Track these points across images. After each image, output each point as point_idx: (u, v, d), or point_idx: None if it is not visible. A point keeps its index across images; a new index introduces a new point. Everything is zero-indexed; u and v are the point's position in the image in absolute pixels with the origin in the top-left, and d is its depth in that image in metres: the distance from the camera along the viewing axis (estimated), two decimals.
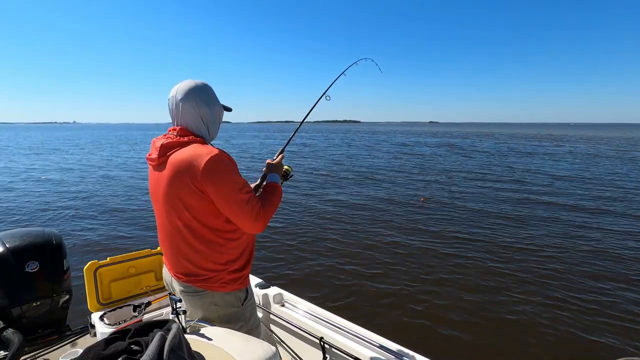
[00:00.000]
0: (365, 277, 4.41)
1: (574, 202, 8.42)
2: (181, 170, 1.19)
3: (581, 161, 17.33)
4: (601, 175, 12.62)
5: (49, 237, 1.67)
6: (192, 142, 1.25)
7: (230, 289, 1.35)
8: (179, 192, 1.22)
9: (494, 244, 5.53)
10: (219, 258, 1.30)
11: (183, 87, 1.28)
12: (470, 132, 69.21)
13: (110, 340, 0.87)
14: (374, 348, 1.57)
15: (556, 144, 31.05)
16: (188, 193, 1.20)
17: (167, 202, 1.26)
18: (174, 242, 1.32)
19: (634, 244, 5.56)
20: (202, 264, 1.30)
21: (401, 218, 7.05)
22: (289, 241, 5.69)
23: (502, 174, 12.83)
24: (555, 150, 23.63)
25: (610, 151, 23.49)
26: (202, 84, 1.31)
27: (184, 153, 1.21)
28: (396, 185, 10.74)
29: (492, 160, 17.90)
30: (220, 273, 1.32)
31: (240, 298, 1.39)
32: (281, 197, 1.41)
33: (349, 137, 45.64)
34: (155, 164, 1.28)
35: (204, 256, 1.29)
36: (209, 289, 1.31)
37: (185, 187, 1.20)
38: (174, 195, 1.23)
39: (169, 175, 1.22)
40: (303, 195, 9.26)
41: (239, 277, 1.37)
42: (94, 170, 14.02)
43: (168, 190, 1.24)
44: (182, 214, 1.25)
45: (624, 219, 7.01)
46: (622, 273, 4.50)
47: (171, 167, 1.22)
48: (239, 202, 1.21)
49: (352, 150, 24.64)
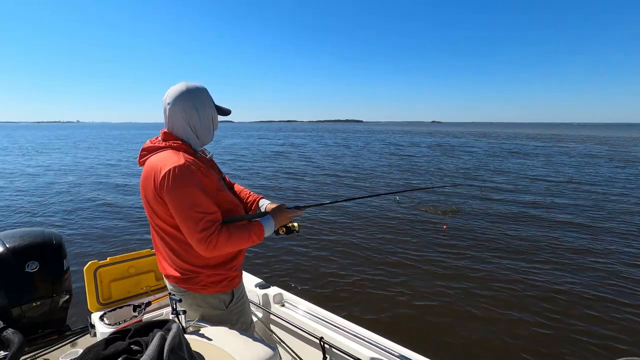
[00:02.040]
0: (365, 277, 4.41)
1: (570, 202, 8.45)
2: (149, 175, 1.22)
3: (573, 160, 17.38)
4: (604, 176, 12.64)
5: (49, 237, 1.67)
6: (168, 148, 1.24)
7: (213, 291, 1.34)
8: (148, 195, 1.25)
9: (494, 244, 5.54)
10: (194, 259, 1.30)
11: (173, 91, 1.27)
12: (468, 131, 69.23)
13: (110, 340, 0.87)
14: (374, 348, 1.57)
15: (552, 144, 30.98)
16: (153, 198, 1.23)
17: (145, 204, 1.30)
18: (156, 243, 1.37)
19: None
20: (180, 264, 1.31)
21: (401, 218, 7.06)
22: (288, 241, 5.68)
23: (483, 173, 12.86)
24: (552, 151, 23.64)
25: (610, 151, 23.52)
26: (194, 87, 1.28)
27: (155, 159, 1.23)
28: (396, 186, 10.74)
29: (473, 160, 17.93)
30: (199, 275, 1.32)
31: (225, 301, 1.37)
32: (254, 243, 1.30)
33: (341, 136, 45.71)
34: (140, 165, 1.32)
35: (180, 256, 1.30)
36: (191, 290, 1.33)
37: (151, 192, 1.22)
38: (147, 198, 1.27)
39: (143, 178, 1.26)
40: (303, 195, 9.27)
41: (220, 279, 1.34)
42: (94, 170, 14.04)
43: (143, 192, 1.28)
44: (153, 216, 1.29)
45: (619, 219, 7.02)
46: (623, 271, 4.51)
47: (144, 171, 1.26)
48: (187, 217, 1.17)
49: (342, 150, 24.58)
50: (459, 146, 28.08)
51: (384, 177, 12.41)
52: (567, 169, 14.24)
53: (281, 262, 4.86)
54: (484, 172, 13.55)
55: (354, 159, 18.14)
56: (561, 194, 9.41)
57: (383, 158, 18.96)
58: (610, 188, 10.23)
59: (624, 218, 7.04)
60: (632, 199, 8.77)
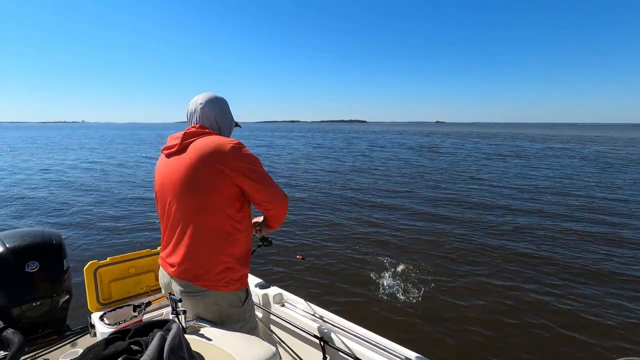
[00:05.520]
0: (366, 278, 4.41)
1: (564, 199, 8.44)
2: (208, 152, 1.26)
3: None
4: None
5: (49, 237, 1.67)
6: (213, 134, 1.37)
7: (233, 289, 1.35)
8: (205, 171, 1.25)
9: (496, 246, 5.55)
10: (224, 249, 1.30)
11: (204, 96, 1.43)
12: (468, 132, 69.20)
13: (110, 340, 0.87)
14: (374, 348, 1.57)
15: (547, 144, 30.81)
16: (212, 175, 1.25)
17: (184, 186, 1.28)
18: (181, 233, 1.31)
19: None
20: (208, 256, 1.30)
21: (399, 221, 7.06)
22: (288, 241, 5.69)
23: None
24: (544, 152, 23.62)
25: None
26: (222, 97, 1.50)
27: (208, 139, 1.31)
28: (396, 186, 10.74)
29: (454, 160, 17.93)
30: (225, 270, 1.32)
31: (241, 298, 1.40)
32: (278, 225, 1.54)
33: (330, 136, 45.40)
34: (176, 149, 1.33)
35: (211, 245, 1.29)
36: (211, 288, 1.31)
37: (212, 168, 1.25)
38: (197, 176, 1.26)
39: (194, 157, 1.27)
40: (301, 196, 9.28)
41: (240, 276, 1.37)
42: (95, 170, 14.03)
43: (189, 172, 1.26)
44: (199, 196, 1.26)
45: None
46: (624, 273, 4.51)
47: (196, 151, 1.28)
48: (264, 176, 1.33)
49: (323, 151, 24.51)
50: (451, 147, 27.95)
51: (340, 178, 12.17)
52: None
53: (281, 262, 4.86)
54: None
55: (325, 161, 17.17)
56: None
57: (356, 160, 17.88)
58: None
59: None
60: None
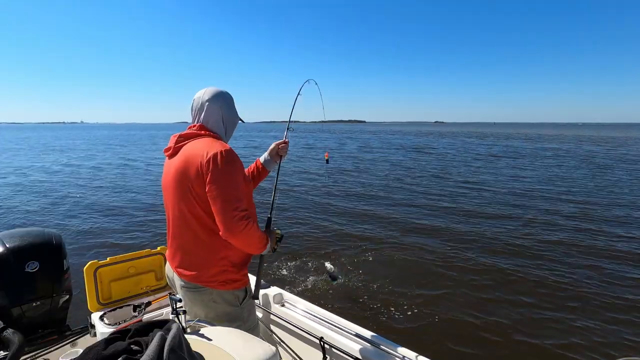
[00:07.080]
0: (365, 277, 4.41)
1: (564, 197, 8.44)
2: (190, 159, 1.27)
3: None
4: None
5: (49, 237, 1.67)
6: (207, 136, 1.36)
7: (230, 288, 1.37)
8: (189, 178, 1.27)
9: (496, 246, 5.54)
10: (219, 252, 1.33)
11: (210, 91, 1.41)
12: (465, 132, 69.21)
13: (110, 340, 0.87)
14: (374, 348, 1.57)
15: (540, 144, 30.03)
16: (196, 181, 1.26)
17: (176, 189, 1.32)
18: (179, 233, 1.36)
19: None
20: (204, 256, 1.33)
21: (399, 221, 7.06)
22: (288, 241, 5.68)
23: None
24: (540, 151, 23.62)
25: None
26: (228, 92, 1.48)
27: (197, 144, 1.31)
28: (396, 184, 10.74)
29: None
30: (221, 272, 1.34)
31: (239, 297, 1.41)
32: (259, 252, 1.40)
33: (322, 136, 44.66)
34: (171, 152, 1.36)
35: (206, 248, 1.32)
36: (209, 286, 1.34)
37: (194, 175, 1.26)
38: (184, 181, 1.29)
39: (181, 161, 1.30)
40: (300, 197, 9.27)
41: (238, 276, 1.40)
42: (95, 171, 14.03)
43: (178, 176, 1.30)
44: (188, 201, 1.30)
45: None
46: (625, 273, 4.51)
47: (183, 155, 1.30)
48: (227, 196, 1.24)
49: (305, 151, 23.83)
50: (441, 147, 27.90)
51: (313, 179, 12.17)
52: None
53: (281, 262, 4.86)
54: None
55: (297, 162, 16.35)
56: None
57: (335, 161, 17.21)
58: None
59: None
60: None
